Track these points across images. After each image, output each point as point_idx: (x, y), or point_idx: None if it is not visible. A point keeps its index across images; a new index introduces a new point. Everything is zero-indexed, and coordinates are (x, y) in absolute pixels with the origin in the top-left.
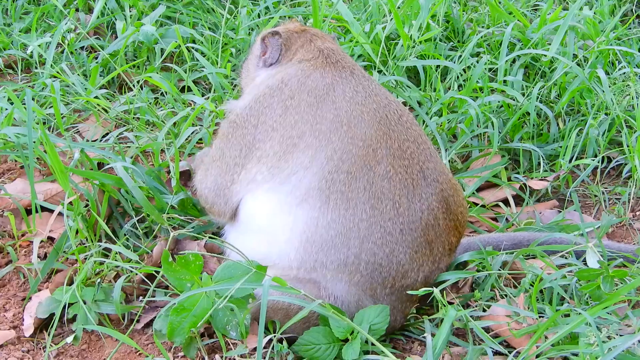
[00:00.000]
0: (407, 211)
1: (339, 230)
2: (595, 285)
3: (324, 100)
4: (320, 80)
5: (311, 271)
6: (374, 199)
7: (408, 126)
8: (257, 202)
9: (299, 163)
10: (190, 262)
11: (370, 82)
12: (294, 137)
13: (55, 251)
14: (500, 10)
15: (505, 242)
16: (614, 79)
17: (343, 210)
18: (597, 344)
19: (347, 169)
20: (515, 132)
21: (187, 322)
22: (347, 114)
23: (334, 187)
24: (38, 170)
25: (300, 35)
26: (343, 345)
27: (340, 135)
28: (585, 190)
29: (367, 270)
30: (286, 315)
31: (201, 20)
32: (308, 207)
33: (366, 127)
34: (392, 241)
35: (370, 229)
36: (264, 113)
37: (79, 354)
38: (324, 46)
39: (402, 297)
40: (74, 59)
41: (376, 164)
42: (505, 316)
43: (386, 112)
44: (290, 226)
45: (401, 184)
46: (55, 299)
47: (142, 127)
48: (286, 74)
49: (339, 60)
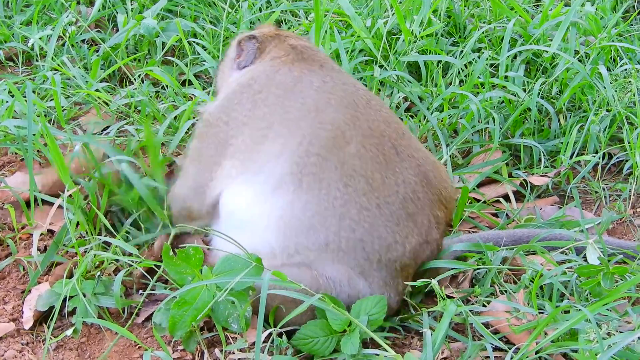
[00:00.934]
0: (382, 186)
1: (315, 211)
2: (595, 282)
3: (292, 91)
4: (288, 74)
5: (295, 255)
6: (346, 177)
7: (377, 109)
8: (234, 195)
9: (270, 152)
10: (190, 256)
11: (339, 74)
12: (263, 129)
13: (55, 244)
14: (502, 6)
15: (505, 239)
16: (615, 76)
17: (317, 190)
18: (596, 340)
19: (317, 151)
20: (516, 127)
21: (189, 315)
22: (314, 101)
23: (305, 170)
24: (38, 162)
25: (274, 38)
26: (341, 336)
27: (308, 121)
28: (586, 186)
29: (348, 247)
30: (282, 300)
31: (202, 14)
32: (282, 193)
33: (334, 112)
34: (370, 216)
35: (346, 206)
36: (235, 109)
37: (78, 347)
38: (297, 44)
39: (393, 272)
40: (75, 52)
41: (346, 144)
42: (505, 312)
43: (354, 97)
44: (267, 213)
45: (373, 160)
46: (55, 292)
47: (142, 121)
48: (256, 71)
49: (311, 56)
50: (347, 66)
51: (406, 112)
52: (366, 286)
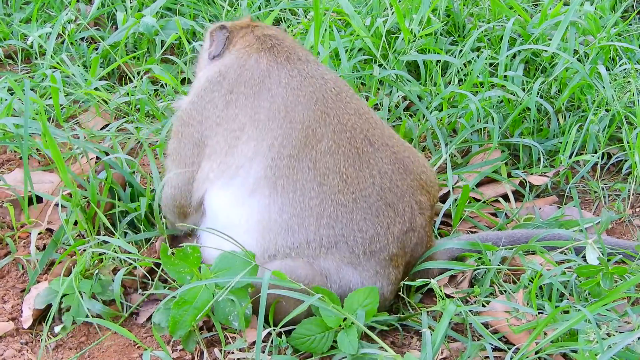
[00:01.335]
0: (357, 180)
1: (292, 213)
2: (594, 282)
3: (260, 89)
4: (255, 68)
5: (276, 255)
6: (320, 176)
7: (347, 101)
8: (215, 199)
9: (243, 155)
10: (188, 255)
11: (307, 65)
12: (235, 131)
13: (54, 243)
14: (501, 5)
15: (504, 239)
16: (614, 75)
17: (291, 193)
18: (596, 340)
19: (288, 153)
20: (515, 127)
21: (189, 315)
22: (283, 100)
23: (279, 173)
24: (37, 160)
25: (244, 28)
26: (337, 332)
27: (278, 122)
28: (585, 186)
29: (330, 243)
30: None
31: (202, 12)
32: (259, 197)
33: (303, 109)
34: (347, 212)
35: (322, 205)
36: (207, 108)
37: (77, 346)
38: (262, 33)
39: (382, 261)
40: (74, 50)
41: (317, 143)
42: (504, 312)
43: (322, 92)
44: (246, 217)
45: (345, 156)
46: (53, 290)
47: (142, 119)
48: (223, 65)
49: (275, 45)
50: (346, 65)
51: (405, 111)
52: (356, 275)
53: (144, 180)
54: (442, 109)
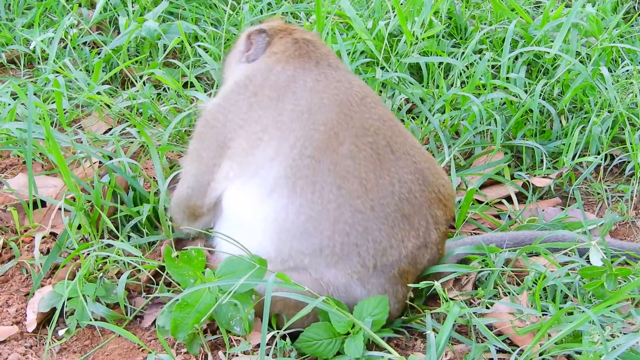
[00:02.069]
0: (376, 187)
1: (309, 215)
2: (598, 284)
3: (285, 92)
4: (282, 73)
5: (288, 260)
6: (340, 179)
7: (372, 106)
8: (233, 198)
9: (264, 156)
10: (192, 258)
11: (335, 70)
12: (258, 132)
13: (57, 247)
14: (503, 7)
15: (507, 241)
16: (617, 77)
17: (310, 194)
18: (600, 342)
19: (310, 153)
20: (518, 129)
21: (191, 317)
22: (307, 102)
23: (299, 173)
24: (40, 165)
25: (282, 31)
26: (345, 338)
27: (301, 123)
28: (588, 188)
29: (343, 252)
30: (284, 305)
31: (204, 16)
32: (277, 196)
33: (327, 112)
34: (363, 219)
35: (340, 209)
36: (231, 111)
37: (81, 349)
38: (300, 37)
39: (392, 278)
40: (77, 55)
41: (339, 145)
42: (508, 314)
43: (347, 95)
44: (263, 217)
45: (367, 161)
46: (57, 293)
47: (144, 123)
48: (252, 68)
49: (308, 52)
50: (349, 68)
51: (408, 114)
52: (364, 293)
53: (147, 184)
54: (445, 112)
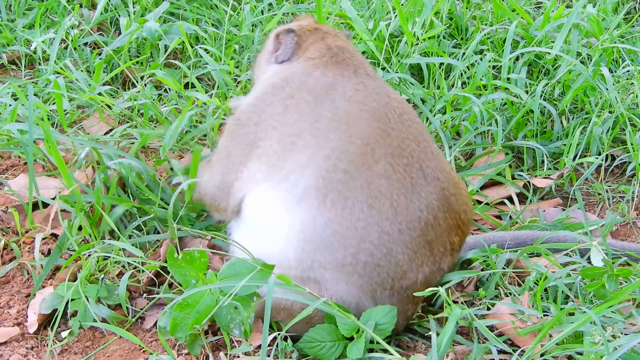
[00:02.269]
0: (406, 210)
1: (336, 230)
2: (599, 284)
3: (323, 98)
4: (321, 78)
5: (309, 270)
6: (372, 198)
7: (409, 124)
8: (258, 200)
9: (297, 162)
10: (195, 259)
11: (374, 81)
12: (292, 136)
13: (58, 248)
14: (504, 8)
15: (509, 241)
16: (617, 77)
17: (340, 209)
18: (601, 342)
19: (344, 167)
20: (518, 129)
21: (191, 318)
22: (345, 113)
23: (331, 186)
24: (41, 166)
25: (312, 33)
26: (348, 343)
27: (338, 133)
28: (589, 188)
29: (365, 271)
30: (289, 314)
31: (204, 17)
32: (306, 206)
33: (365, 125)
34: (390, 241)
35: (368, 228)
36: (265, 111)
37: (82, 350)
38: (334, 44)
39: (403, 299)
40: (78, 55)
41: (374, 163)
42: (509, 314)
43: (386, 110)
44: (288, 224)
45: (399, 183)
46: (59, 295)
47: (145, 124)
48: (290, 72)
49: (345, 59)
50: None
51: None
52: None
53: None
54: (446, 112)
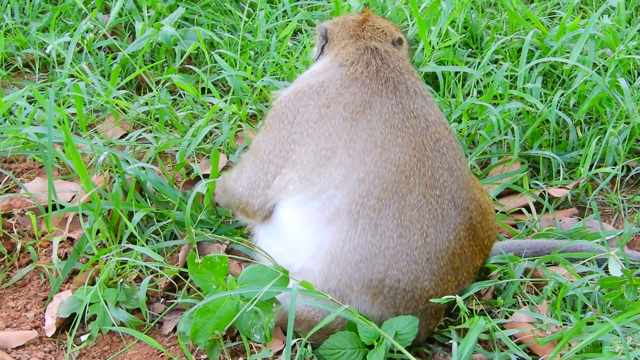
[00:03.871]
0: (435, 241)
1: (365, 256)
2: (618, 294)
3: (360, 117)
4: (358, 94)
5: (335, 290)
6: (402, 228)
7: (444, 152)
8: (287, 212)
9: (330, 180)
10: (215, 264)
11: (413, 100)
12: (327, 150)
13: (76, 251)
14: (519, 17)
15: (526, 250)
16: (633, 88)
17: (370, 236)
18: (622, 352)
19: (378, 194)
20: (534, 139)
21: (211, 323)
22: (382, 136)
23: (363, 212)
24: (57, 169)
25: (342, 34)
26: (368, 351)
27: (373, 157)
28: (605, 198)
29: (390, 294)
30: (309, 327)
31: (220, 22)
32: (336, 229)
33: (400, 152)
34: (417, 269)
35: (396, 257)
36: (300, 112)
37: (101, 355)
38: (365, 45)
39: (427, 315)
40: (93, 59)
41: (408, 192)
42: (528, 323)
43: (422, 137)
44: (316, 244)
45: (430, 215)
46: (77, 299)
47: (161, 129)
48: (327, 77)
49: (380, 69)
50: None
51: None
52: None
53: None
54: (462, 121)
